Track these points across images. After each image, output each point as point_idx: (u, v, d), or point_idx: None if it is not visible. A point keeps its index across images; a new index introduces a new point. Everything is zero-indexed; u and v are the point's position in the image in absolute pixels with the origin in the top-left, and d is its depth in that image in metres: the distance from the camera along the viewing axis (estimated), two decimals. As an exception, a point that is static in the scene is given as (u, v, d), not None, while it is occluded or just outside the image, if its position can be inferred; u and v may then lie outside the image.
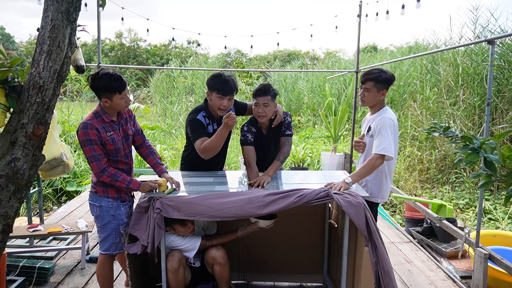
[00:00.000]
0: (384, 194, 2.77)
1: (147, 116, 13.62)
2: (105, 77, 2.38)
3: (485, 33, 7.05)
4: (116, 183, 2.44)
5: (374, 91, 2.67)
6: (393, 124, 2.61)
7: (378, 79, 2.64)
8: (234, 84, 2.81)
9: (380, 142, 2.55)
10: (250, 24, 57.74)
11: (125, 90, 2.45)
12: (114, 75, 2.40)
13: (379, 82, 2.65)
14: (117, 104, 2.45)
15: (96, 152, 2.39)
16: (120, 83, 2.40)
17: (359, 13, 5.33)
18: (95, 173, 2.42)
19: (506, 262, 2.93)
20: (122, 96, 2.43)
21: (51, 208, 5.87)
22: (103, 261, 2.62)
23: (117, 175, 2.43)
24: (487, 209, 5.32)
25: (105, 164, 2.42)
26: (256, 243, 3.09)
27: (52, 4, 1.77)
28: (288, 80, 13.88)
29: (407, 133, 7.42)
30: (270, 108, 2.89)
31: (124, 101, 2.47)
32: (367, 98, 2.71)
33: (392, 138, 2.56)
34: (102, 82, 2.38)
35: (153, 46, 30.97)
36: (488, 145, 1.13)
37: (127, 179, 2.47)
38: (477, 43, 5.58)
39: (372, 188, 2.74)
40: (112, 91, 2.39)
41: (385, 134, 2.56)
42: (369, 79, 2.67)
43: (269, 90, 2.88)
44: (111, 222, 2.54)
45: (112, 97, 2.40)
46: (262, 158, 2.99)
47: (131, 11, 5.57)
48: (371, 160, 2.56)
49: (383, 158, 2.55)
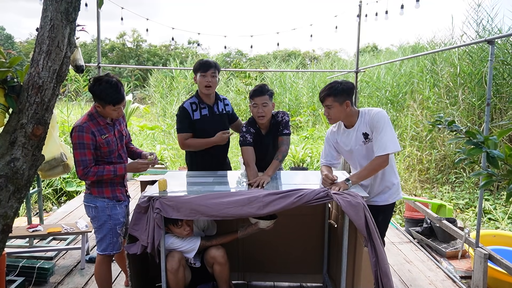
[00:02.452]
0: (400, 188, 2.71)
1: (146, 116, 13.62)
2: (105, 86, 2.38)
3: (482, 32, 7.04)
4: (103, 177, 2.45)
5: (337, 105, 2.52)
6: (385, 114, 2.51)
7: (335, 92, 2.50)
8: (214, 62, 3.01)
9: (381, 141, 2.44)
10: (250, 24, 57.77)
11: (120, 104, 2.45)
12: (114, 87, 2.39)
13: (338, 94, 2.50)
14: (108, 113, 2.47)
15: (85, 157, 2.40)
16: (117, 97, 2.41)
17: (358, 13, 5.33)
18: (79, 177, 2.44)
19: (506, 262, 2.92)
20: (115, 109, 2.45)
21: (50, 208, 5.87)
22: (101, 262, 2.62)
23: (100, 170, 2.44)
24: (487, 209, 5.32)
25: (91, 167, 2.43)
26: (256, 243, 3.09)
27: (51, 4, 1.77)
28: (287, 80, 13.89)
29: (407, 133, 7.41)
30: (269, 108, 2.91)
31: (116, 113, 2.49)
32: (333, 114, 2.56)
33: (391, 130, 2.46)
34: (100, 90, 2.38)
35: (154, 47, 30.97)
36: (492, 141, 1.13)
37: (111, 169, 2.47)
38: (477, 43, 5.57)
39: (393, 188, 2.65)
40: (107, 101, 2.40)
41: (382, 131, 2.44)
42: (326, 95, 2.53)
43: (265, 90, 2.90)
44: (107, 222, 2.54)
45: (105, 106, 2.42)
46: (261, 158, 2.99)
47: (131, 11, 5.57)
48: (374, 162, 2.47)
49: (387, 158, 2.46)
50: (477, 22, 7.11)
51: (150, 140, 9.96)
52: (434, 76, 7.77)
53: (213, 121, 3.06)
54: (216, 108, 3.11)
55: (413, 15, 32.95)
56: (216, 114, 3.09)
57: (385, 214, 2.69)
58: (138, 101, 17.64)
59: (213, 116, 3.07)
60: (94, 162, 2.46)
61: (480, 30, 7.10)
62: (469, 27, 7.28)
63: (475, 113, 6.65)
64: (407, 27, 35.21)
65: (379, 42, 36.10)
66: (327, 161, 2.79)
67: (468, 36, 7.38)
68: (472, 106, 6.70)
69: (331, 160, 2.79)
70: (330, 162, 2.79)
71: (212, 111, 3.08)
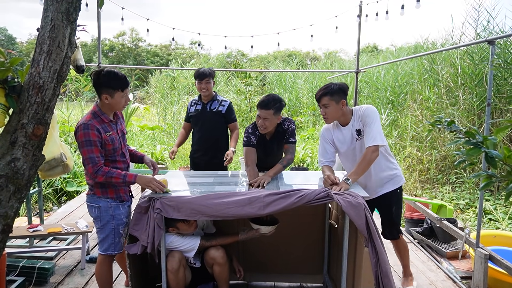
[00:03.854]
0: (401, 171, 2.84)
1: (147, 116, 13.62)
2: (110, 74, 2.42)
3: (482, 32, 7.04)
4: (111, 179, 2.41)
5: (333, 104, 2.63)
6: (375, 109, 2.63)
7: (331, 91, 2.61)
8: (208, 71, 3.59)
9: (370, 134, 2.54)
10: (251, 24, 57.79)
11: (127, 89, 2.49)
12: (118, 73, 2.45)
13: (334, 94, 2.61)
14: (117, 102, 2.47)
15: (93, 154, 2.38)
16: (124, 81, 2.45)
17: (359, 13, 5.33)
18: (90, 175, 2.41)
19: (506, 262, 2.92)
20: (123, 95, 2.46)
21: (51, 208, 5.87)
22: (102, 262, 2.61)
23: (111, 172, 2.41)
24: (487, 210, 5.31)
25: (101, 165, 2.41)
26: (256, 243, 3.09)
27: (52, 4, 1.77)
28: (288, 80, 13.88)
29: (407, 133, 7.41)
30: (271, 122, 2.87)
31: (124, 100, 2.50)
32: (329, 113, 2.66)
33: (379, 125, 2.57)
34: (106, 78, 2.41)
35: (154, 46, 30.98)
36: (491, 141, 1.13)
37: (121, 174, 2.44)
38: (477, 43, 5.57)
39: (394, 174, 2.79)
40: (115, 87, 2.42)
41: (371, 124, 2.56)
42: (323, 94, 2.63)
43: (270, 104, 2.81)
44: (110, 222, 2.53)
45: (114, 94, 2.43)
46: (264, 161, 3.03)
47: (131, 11, 5.57)
48: (367, 154, 2.54)
49: (378, 149, 2.55)
50: (478, 22, 7.11)
51: (151, 140, 9.96)
52: (434, 76, 7.77)
53: (204, 116, 3.66)
54: (209, 106, 3.66)
55: (413, 15, 32.94)
56: (207, 111, 3.65)
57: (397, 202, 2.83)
58: (139, 101, 17.65)
59: (205, 112, 3.65)
60: (103, 160, 2.44)
61: (480, 30, 7.09)
62: (469, 27, 7.26)
63: (476, 113, 6.64)
64: (407, 27, 35.22)
65: (379, 42, 36.12)
66: (326, 160, 2.81)
67: (466, 35, 7.38)
68: (472, 106, 6.70)
69: (330, 158, 2.81)
70: (330, 160, 2.81)
71: (204, 107, 3.67)
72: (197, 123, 3.70)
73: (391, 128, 8.06)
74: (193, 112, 3.69)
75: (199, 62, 16.77)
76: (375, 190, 2.81)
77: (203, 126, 3.65)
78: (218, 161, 3.58)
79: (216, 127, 3.65)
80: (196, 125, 3.71)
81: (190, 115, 3.74)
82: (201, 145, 3.68)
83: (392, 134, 7.75)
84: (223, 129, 3.70)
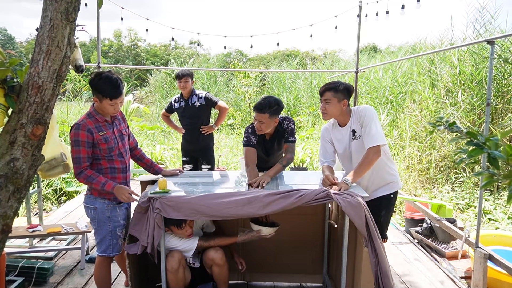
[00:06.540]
0: (398, 177, 2.79)
1: (146, 116, 13.61)
2: (105, 80, 2.42)
3: (483, 33, 7.04)
4: (91, 184, 2.45)
5: (335, 101, 2.58)
6: (373, 109, 2.59)
7: (336, 88, 2.57)
8: (186, 72, 4.23)
9: (370, 134, 2.50)
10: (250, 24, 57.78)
11: (117, 99, 2.47)
12: (113, 82, 2.43)
13: (338, 91, 2.57)
14: (104, 108, 2.48)
15: (80, 155, 2.41)
16: (115, 91, 2.43)
17: (359, 13, 5.33)
18: (74, 174, 2.46)
19: (506, 262, 2.92)
20: (112, 103, 2.46)
21: (50, 208, 5.86)
22: (100, 263, 2.62)
23: (92, 177, 2.44)
24: (487, 210, 5.31)
25: (85, 167, 2.44)
26: (256, 243, 3.08)
27: (51, 4, 1.76)
28: (287, 80, 13.87)
29: (406, 134, 7.41)
30: (266, 125, 2.88)
31: (113, 108, 2.50)
32: (329, 109, 2.61)
33: (378, 124, 2.54)
34: (99, 83, 2.42)
35: (153, 46, 30.94)
36: (493, 141, 1.12)
37: (101, 181, 2.45)
38: (477, 43, 5.58)
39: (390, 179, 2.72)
40: (105, 95, 2.42)
41: (370, 124, 2.52)
42: (327, 89, 2.60)
43: (265, 108, 2.82)
44: (106, 224, 2.53)
45: (103, 100, 2.44)
46: (264, 161, 3.03)
47: (131, 11, 5.56)
48: (368, 155, 2.50)
49: (379, 149, 2.51)
50: (478, 22, 7.11)
51: (150, 140, 9.95)
52: (433, 76, 7.77)
53: (188, 110, 4.31)
54: (190, 102, 4.29)
55: (413, 15, 32.95)
56: (189, 106, 4.29)
57: (387, 206, 2.75)
58: (138, 101, 17.63)
59: (188, 107, 4.30)
60: (89, 161, 2.46)
61: (480, 31, 7.09)
62: (469, 27, 7.26)
63: (476, 113, 6.64)
64: (407, 27, 35.19)
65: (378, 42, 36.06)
66: (327, 160, 2.80)
67: (465, 35, 7.38)
68: (472, 106, 6.70)
69: (331, 158, 2.80)
70: (331, 160, 2.80)
71: (187, 103, 4.30)
72: (183, 116, 4.37)
73: (390, 128, 8.07)
74: (178, 108, 4.37)
75: (199, 62, 16.75)
76: (370, 193, 2.73)
77: (189, 118, 4.33)
78: (205, 144, 4.37)
79: (199, 117, 4.31)
80: (183, 118, 4.39)
81: (175, 110, 4.46)
82: (189, 134, 4.39)
83: (392, 134, 7.75)
84: (205, 116, 4.36)
